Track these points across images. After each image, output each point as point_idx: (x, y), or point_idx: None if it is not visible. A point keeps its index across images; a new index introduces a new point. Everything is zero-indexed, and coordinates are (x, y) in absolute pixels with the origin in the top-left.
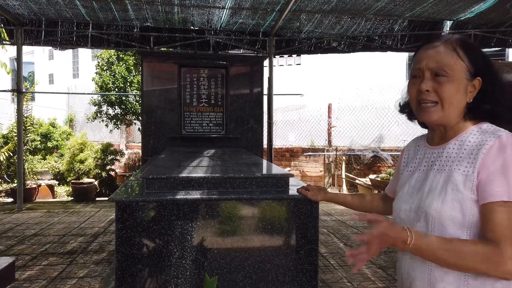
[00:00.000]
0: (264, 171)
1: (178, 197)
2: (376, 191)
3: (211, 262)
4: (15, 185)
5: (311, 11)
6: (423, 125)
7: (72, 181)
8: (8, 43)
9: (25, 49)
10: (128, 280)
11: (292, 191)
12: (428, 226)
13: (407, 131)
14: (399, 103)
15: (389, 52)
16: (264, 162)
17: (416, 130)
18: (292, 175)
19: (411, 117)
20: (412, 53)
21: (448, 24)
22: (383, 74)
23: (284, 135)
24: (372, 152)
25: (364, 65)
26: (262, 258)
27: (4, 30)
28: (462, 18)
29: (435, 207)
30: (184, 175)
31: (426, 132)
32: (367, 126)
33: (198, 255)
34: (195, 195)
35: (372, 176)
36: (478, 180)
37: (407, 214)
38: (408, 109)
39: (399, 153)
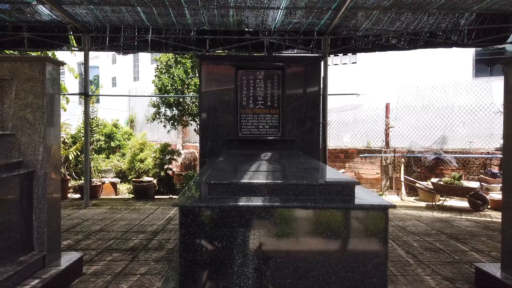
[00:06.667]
0: (327, 178)
1: (240, 203)
2: (438, 196)
3: (274, 272)
4: (82, 182)
5: (369, 8)
6: None
7: (133, 179)
8: (76, 49)
9: (91, 54)
10: (191, 286)
11: (358, 199)
12: None
13: (473, 133)
14: None
15: (454, 48)
16: (326, 167)
17: (483, 131)
18: (358, 183)
19: None
20: (480, 49)
21: None
22: (446, 71)
23: (338, 136)
24: (434, 154)
25: (424, 62)
26: (327, 270)
27: (72, 37)
28: None
29: None
30: (245, 181)
31: None
32: (429, 127)
33: (260, 264)
34: (257, 202)
35: (434, 180)
36: None
37: None
38: None
39: (465, 155)
